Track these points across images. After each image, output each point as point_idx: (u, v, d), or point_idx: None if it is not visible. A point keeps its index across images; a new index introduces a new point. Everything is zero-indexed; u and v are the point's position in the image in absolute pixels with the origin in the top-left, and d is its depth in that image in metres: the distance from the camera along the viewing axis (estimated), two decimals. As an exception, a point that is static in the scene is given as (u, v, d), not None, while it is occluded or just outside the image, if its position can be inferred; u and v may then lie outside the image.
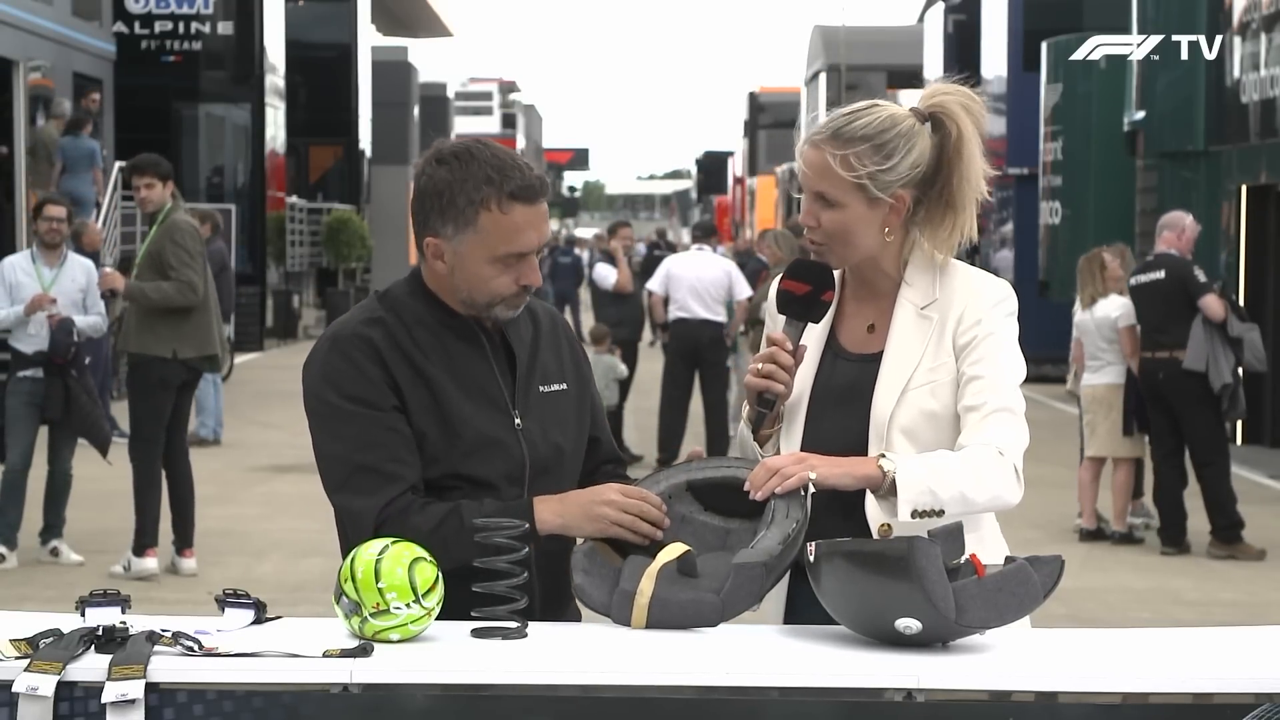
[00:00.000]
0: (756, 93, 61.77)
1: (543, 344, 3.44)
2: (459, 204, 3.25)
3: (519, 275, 3.28)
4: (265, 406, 17.17)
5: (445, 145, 3.31)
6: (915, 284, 3.38)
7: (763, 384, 3.31)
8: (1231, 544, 10.95)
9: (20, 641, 2.80)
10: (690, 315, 14.37)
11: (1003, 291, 3.38)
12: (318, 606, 7.67)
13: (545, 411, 3.38)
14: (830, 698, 2.77)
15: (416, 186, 3.32)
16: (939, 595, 2.88)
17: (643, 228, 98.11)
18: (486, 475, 3.27)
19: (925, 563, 2.88)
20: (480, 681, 2.78)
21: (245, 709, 2.73)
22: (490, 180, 3.24)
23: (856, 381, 3.35)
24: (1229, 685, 2.79)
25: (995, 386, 3.30)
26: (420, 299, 3.36)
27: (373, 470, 3.22)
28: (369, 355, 3.27)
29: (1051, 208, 21.95)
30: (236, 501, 11.94)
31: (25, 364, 9.74)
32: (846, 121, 3.31)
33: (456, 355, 3.32)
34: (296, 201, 32.65)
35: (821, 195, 3.31)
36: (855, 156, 3.28)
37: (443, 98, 52.75)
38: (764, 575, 3.06)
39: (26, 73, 22.42)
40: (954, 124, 3.34)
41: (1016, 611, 2.96)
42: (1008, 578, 2.96)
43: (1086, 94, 21.35)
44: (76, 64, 24.24)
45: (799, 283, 3.37)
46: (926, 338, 3.34)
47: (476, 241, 3.25)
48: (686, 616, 3.04)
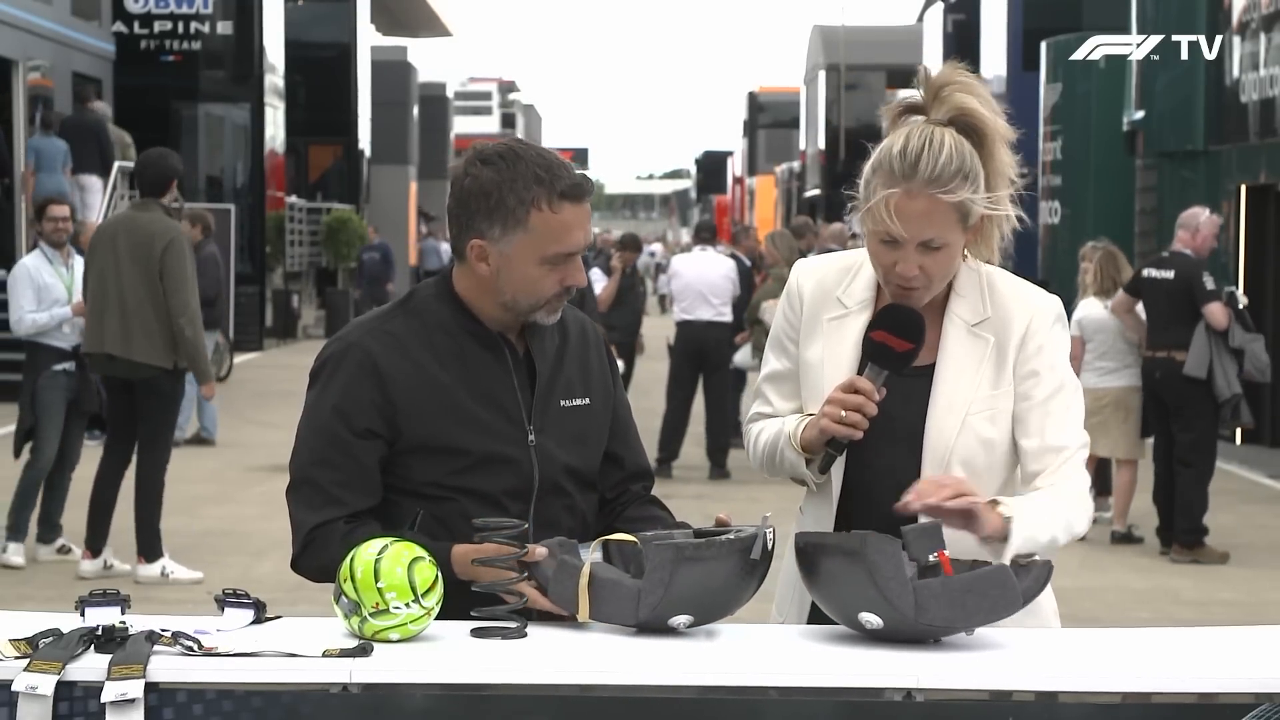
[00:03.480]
0: (756, 92, 61.75)
1: (568, 356, 3.39)
2: (508, 204, 3.20)
3: (564, 276, 3.24)
4: (265, 406, 17.17)
5: (486, 146, 3.27)
6: (966, 296, 3.33)
7: (845, 431, 3.21)
8: (1194, 548, 10.87)
9: (20, 641, 2.80)
10: (695, 318, 14.38)
11: (1056, 307, 3.34)
12: (317, 606, 7.63)
13: (563, 427, 3.33)
14: (830, 698, 2.76)
15: (459, 188, 3.26)
16: (894, 592, 2.88)
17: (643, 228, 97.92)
18: (489, 489, 3.24)
19: (879, 559, 2.90)
20: (480, 681, 2.78)
21: (245, 709, 2.72)
22: (540, 180, 3.20)
23: (898, 398, 3.28)
24: (1229, 685, 2.79)
25: (1074, 425, 3.29)
26: (447, 303, 3.32)
27: (320, 488, 3.23)
28: (365, 370, 3.24)
29: (1051, 207, 21.94)
30: (236, 501, 11.93)
31: (59, 359, 9.82)
32: (931, 161, 3.19)
33: (475, 364, 3.28)
34: (296, 201, 32.64)
35: (927, 243, 3.22)
36: (959, 194, 3.20)
37: (442, 97, 52.70)
38: (674, 558, 2.93)
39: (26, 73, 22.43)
40: (977, 120, 3.27)
41: (988, 614, 2.93)
42: (980, 579, 2.94)
43: (1086, 94, 21.34)
44: (76, 64, 24.25)
45: (901, 339, 3.26)
46: (982, 360, 3.29)
47: (526, 242, 3.21)
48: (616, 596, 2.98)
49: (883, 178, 3.22)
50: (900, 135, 3.25)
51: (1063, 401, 3.29)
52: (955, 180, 3.20)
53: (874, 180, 3.24)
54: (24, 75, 22.37)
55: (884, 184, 3.22)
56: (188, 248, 9.44)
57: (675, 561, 2.93)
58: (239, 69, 28.73)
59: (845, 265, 3.43)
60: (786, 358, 3.45)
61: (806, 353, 3.39)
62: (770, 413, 3.47)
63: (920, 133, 3.23)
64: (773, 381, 3.48)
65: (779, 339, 3.47)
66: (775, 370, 3.48)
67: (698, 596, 2.95)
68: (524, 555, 3.05)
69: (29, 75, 22.59)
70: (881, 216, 3.21)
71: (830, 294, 3.40)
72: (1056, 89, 21.76)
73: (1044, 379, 3.29)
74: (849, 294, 3.38)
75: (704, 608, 2.98)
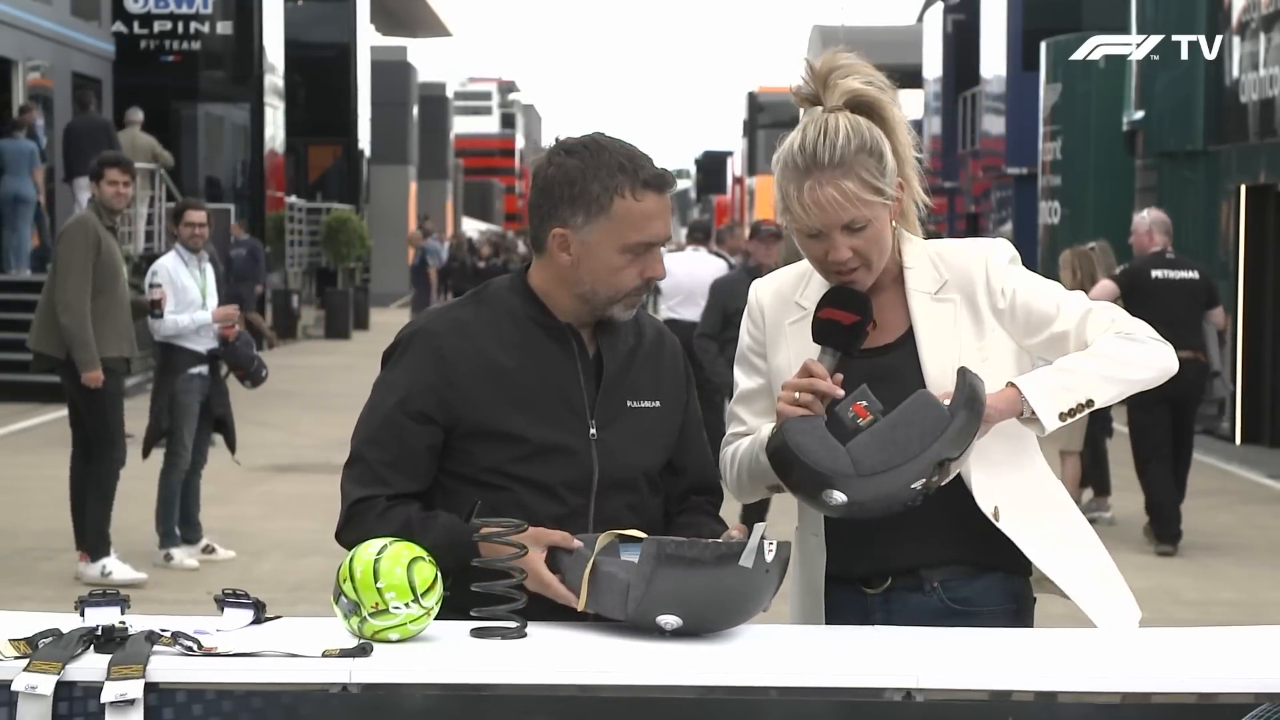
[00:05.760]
0: (756, 93, 61.80)
1: (641, 357, 3.38)
2: (593, 191, 3.22)
3: (644, 267, 3.26)
4: (265, 406, 17.14)
5: (569, 139, 3.30)
6: (919, 269, 3.36)
7: (799, 413, 3.19)
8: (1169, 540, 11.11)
9: (20, 641, 2.80)
10: (682, 317, 14.37)
11: (1008, 248, 3.38)
12: (317, 606, 7.66)
13: (630, 426, 3.32)
14: (830, 697, 2.76)
15: (542, 178, 3.27)
16: (827, 461, 3.02)
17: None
18: (546, 479, 3.24)
19: (801, 439, 2.95)
20: (480, 681, 2.78)
21: (244, 709, 2.72)
22: (624, 168, 3.23)
23: (872, 378, 3.29)
24: (1229, 685, 2.79)
25: (1063, 307, 3.31)
26: (519, 295, 3.33)
27: (368, 466, 3.26)
28: (429, 354, 3.26)
29: (1051, 207, 21.97)
30: (236, 501, 11.93)
31: (195, 362, 9.88)
32: (830, 147, 3.24)
33: (541, 355, 3.29)
34: (295, 201, 32.66)
35: (849, 225, 3.25)
36: (863, 169, 3.24)
37: (442, 97, 52.78)
38: (655, 554, 2.93)
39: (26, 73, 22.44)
40: (874, 102, 3.31)
41: (920, 442, 3.01)
42: (900, 411, 3.04)
43: (1086, 94, 21.37)
44: (76, 64, 24.26)
45: (846, 312, 3.29)
46: (956, 319, 3.32)
47: (609, 229, 3.23)
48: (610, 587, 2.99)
49: (790, 174, 3.27)
50: (798, 130, 3.31)
51: (1043, 300, 3.32)
52: (859, 157, 3.24)
53: (783, 179, 3.29)
54: (24, 75, 22.38)
55: (792, 180, 3.27)
56: (83, 237, 9.33)
57: (656, 558, 2.93)
58: (239, 69, 28.75)
59: (800, 272, 3.47)
60: (756, 374, 3.45)
61: (774, 360, 3.41)
62: (744, 431, 3.47)
63: (815, 123, 3.28)
64: (744, 401, 3.48)
65: (745, 358, 3.48)
66: (746, 389, 3.48)
67: (684, 597, 2.93)
68: (524, 555, 3.06)
69: (29, 75, 22.60)
70: (798, 212, 3.27)
71: (789, 300, 3.44)
72: (1056, 89, 21.79)
73: (1019, 303, 3.32)
74: (805, 296, 3.41)
75: (694, 613, 2.96)
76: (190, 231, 10.07)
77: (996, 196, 28.96)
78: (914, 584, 3.31)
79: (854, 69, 3.34)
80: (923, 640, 3.03)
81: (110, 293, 9.35)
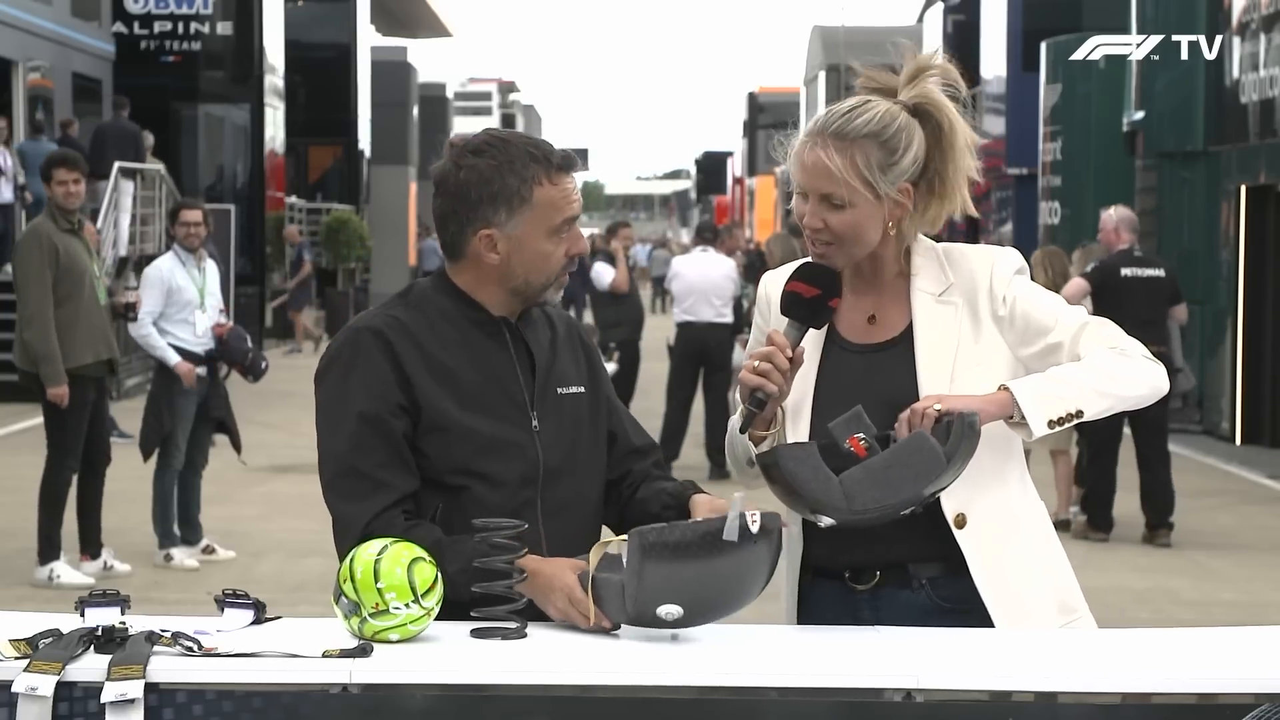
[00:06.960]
0: (756, 93, 61.85)
1: (560, 345, 3.43)
2: (511, 186, 3.25)
3: (570, 245, 3.31)
4: (265, 406, 17.15)
5: (466, 141, 3.32)
6: (925, 271, 3.36)
7: (757, 381, 3.24)
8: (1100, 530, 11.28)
9: (20, 641, 2.80)
10: (697, 319, 14.40)
11: (1016, 259, 3.38)
12: (317, 606, 7.66)
13: (563, 414, 3.36)
14: (830, 698, 2.76)
15: (452, 183, 3.28)
16: (820, 492, 3.03)
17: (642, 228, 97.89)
18: (500, 474, 3.25)
19: (794, 467, 2.95)
20: (480, 681, 2.78)
21: (244, 709, 2.72)
22: (535, 157, 3.27)
23: (866, 373, 3.31)
24: (1229, 685, 2.79)
25: (1061, 320, 3.31)
26: (446, 294, 3.34)
27: (364, 476, 3.21)
28: (381, 350, 3.25)
29: (1051, 208, 21.95)
30: (235, 501, 11.93)
31: (194, 364, 9.86)
32: (847, 120, 3.26)
33: (480, 352, 3.31)
34: (296, 201, 32.65)
35: (828, 197, 3.26)
36: (862, 155, 3.24)
37: (442, 98, 52.76)
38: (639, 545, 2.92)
39: (26, 73, 22.45)
40: (943, 116, 3.31)
41: (914, 484, 3.02)
42: (895, 451, 3.03)
43: (1086, 94, 21.35)
44: (76, 64, 24.28)
45: (808, 285, 3.33)
46: (957, 322, 3.32)
47: (534, 219, 3.27)
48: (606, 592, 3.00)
49: (808, 127, 3.32)
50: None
51: (1043, 312, 3.33)
52: (866, 142, 3.24)
53: (805, 130, 3.33)
54: (24, 76, 22.40)
55: (806, 132, 3.31)
56: (36, 247, 9.18)
57: (641, 549, 2.93)
58: (239, 69, 28.74)
59: None
60: None
61: None
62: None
63: (862, 100, 3.31)
64: None
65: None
66: None
67: (677, 583, 2.92)
68: (522, 555, 3.06)
69: (29, 76, 22.62)
70: (792, 163, 3.31)
71: None
72: (1056, 89, 21.77)
73: (1019, 312, 3.32)
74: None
75: (694, 598, 2.94)
76: (186, 231, 10.03)
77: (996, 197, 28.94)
78: (903, 580, 3.30)
79: (948, 83, 3.34)
80: (923, 640, 3.03)
81: (77, 298, 9.21)
